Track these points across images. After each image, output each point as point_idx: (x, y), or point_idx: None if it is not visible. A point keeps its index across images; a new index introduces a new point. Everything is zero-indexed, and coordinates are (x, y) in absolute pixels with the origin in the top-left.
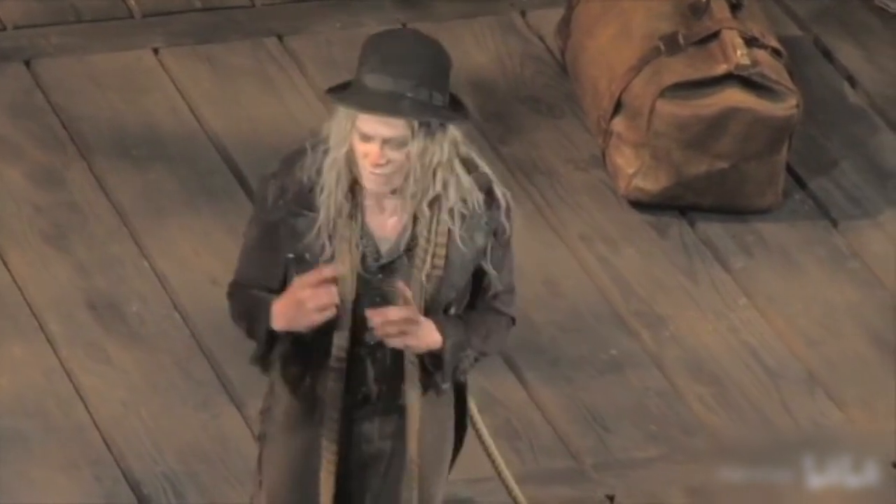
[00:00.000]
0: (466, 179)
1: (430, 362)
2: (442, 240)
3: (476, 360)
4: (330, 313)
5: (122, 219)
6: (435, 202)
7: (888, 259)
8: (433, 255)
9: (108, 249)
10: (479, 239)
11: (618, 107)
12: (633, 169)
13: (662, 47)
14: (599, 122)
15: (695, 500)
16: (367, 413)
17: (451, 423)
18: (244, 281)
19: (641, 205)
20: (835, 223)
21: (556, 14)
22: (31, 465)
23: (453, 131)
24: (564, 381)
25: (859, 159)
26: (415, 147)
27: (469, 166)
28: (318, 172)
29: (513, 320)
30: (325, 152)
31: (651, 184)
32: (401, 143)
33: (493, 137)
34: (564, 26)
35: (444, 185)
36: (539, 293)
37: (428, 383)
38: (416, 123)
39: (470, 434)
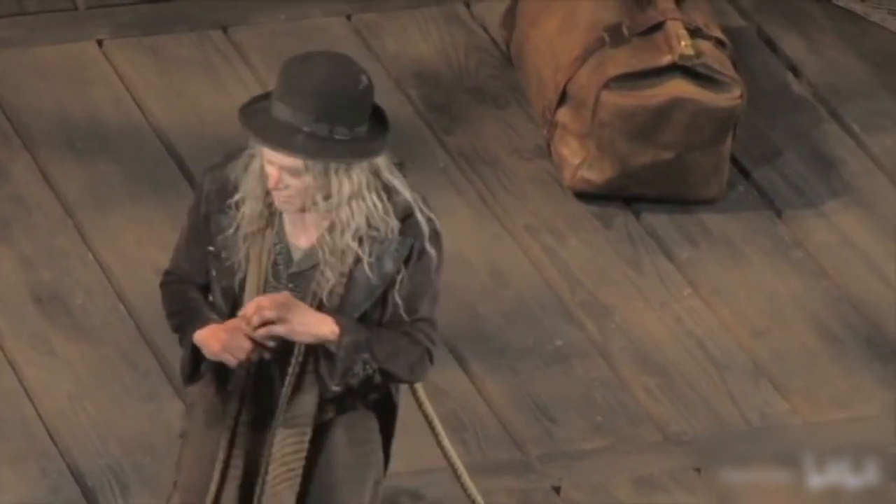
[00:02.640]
0: (381, 207)
1: (324, 358)
2: (347, 259)
3: (374, 373)
4: (234, 361)
5: (66, 211)
6: (344, 228)
7: (832, 249)
8: (336, 275)
9: (53, 242)
10: (388, 265)
11: (563, 97)
12: (578, 159)
13: (607, 38)
14: (544, 112)
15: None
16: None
17: (376, 447)
18: (177, 271)
19: (587, 195)
20: (779, 213)
21: (500, 5)
22: None
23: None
24: (510, 372)
25: (803, 149)
26: (310, 178)
27: (390, 192)
28: (244, 175)
29: (429, 355)
30: (250, 159)
31: (596, 174)
32: (296, 172)
33: (437, 128)
34: (509, 17)
35: (352, 214)
36: (484, 284)
37: (343, 404)
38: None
39: (417, 424)
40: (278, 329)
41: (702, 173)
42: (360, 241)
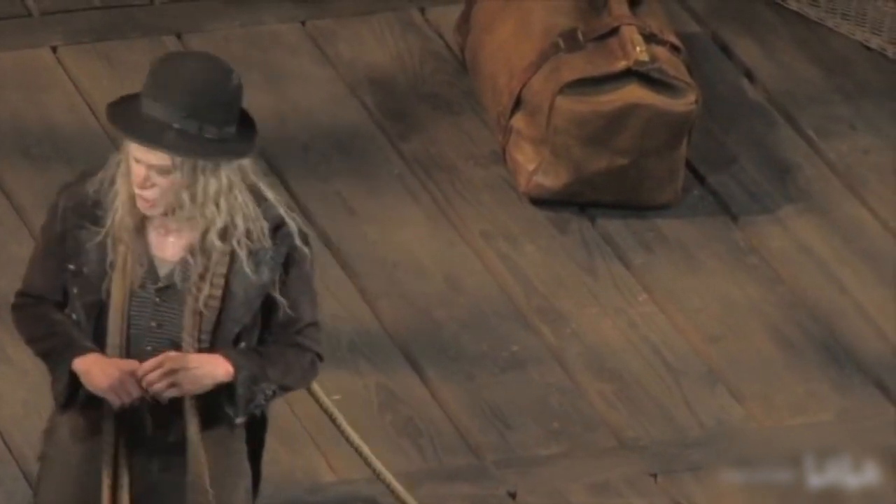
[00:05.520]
0: (252, 209)
1: (225, 396)
2: (221, 270)
3: (275, 394)
4: (118, 402)
5: (21, 218)
6: (223, 232)
7: (787, 254)
8: (210, 285)
9: (8, 249)
10: (265, 273)
11: (517, 103)
12: (533, 165)
13: (562, 43)
14: (499, 118)
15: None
16: (148, 445)
17: (242, 457)
18: (31, 292)
19: (542, 201)
20: (734, 218)
21: (455, 10)
22: None
23: (240, 160)
24: (466, 379)
25: (758, 155)
26: (178, 177)
27: (256, 197)
28: (110, 186)
29: (319, 356)
30: (118, 165)
31: (551, 180)
32: (165, 171)
33: (392, 134)
34: (464, 23)
35: (231, 214)
36: (440, 290)
37: (218, 418)
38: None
39: (373, 432)
40: (173, 392)
41: (657, 179)
42: (239, 246)
